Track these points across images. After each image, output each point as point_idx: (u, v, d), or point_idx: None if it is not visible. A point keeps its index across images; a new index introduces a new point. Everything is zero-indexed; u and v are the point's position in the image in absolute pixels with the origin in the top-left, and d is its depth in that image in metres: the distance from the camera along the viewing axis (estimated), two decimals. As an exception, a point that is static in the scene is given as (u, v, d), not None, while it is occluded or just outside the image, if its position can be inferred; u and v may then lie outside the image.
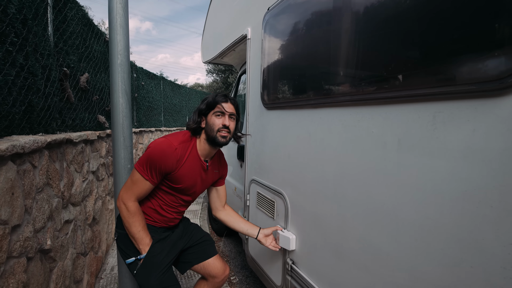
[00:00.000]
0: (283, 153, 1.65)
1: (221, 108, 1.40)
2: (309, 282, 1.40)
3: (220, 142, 1.40)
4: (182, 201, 1.55)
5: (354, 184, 1.12)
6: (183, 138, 1.43)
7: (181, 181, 1.43)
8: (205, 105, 1.46)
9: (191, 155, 1.43)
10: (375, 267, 1.04)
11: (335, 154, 1.22)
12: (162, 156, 1.33)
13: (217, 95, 1.46)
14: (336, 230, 1.22)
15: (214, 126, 1.39)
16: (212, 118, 1.42)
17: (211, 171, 1.57)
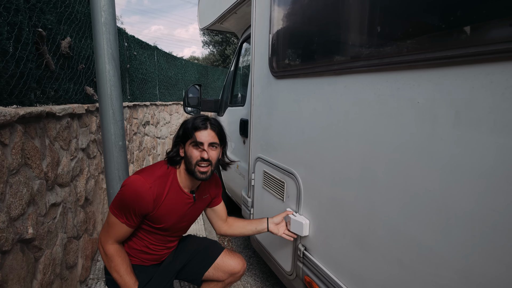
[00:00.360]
0: (295, 128, 1.45)
1: (199, 138, 1.19)
2: (324, 272, 1.27)
3: (199, 178, 1.22)
4: (171, 237, 1.40)
5: (389, 166, 0.94)
6: (159, 172, 1.23)
7: (162, 221, 1.26)
8: (182, 132, 1.24)
9: (171, 190, 1.25)
10: (412, 263, 0.88)
11: (364, 130, 1.03)
12: (135, 198, 1.14)
13: (196, 119, 1.23)
14: (362, 217, 1.06)
15: (191, 159, 1.20)
16: (189, 148, 1.21)
17: (199, 200, 1.40)
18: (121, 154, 1.51)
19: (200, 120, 1.22)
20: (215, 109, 3.22)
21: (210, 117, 1.29)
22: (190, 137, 1.19)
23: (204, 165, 1.19)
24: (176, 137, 1.27)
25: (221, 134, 1.27)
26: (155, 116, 5.42)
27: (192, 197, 1.32)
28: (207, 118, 1.26)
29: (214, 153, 1.23)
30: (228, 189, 3.03)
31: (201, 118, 1.24)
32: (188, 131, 1.20)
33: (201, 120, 1.22)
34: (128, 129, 3.76)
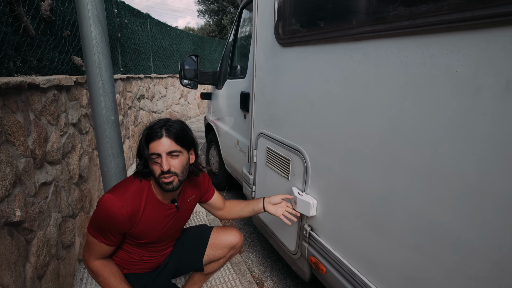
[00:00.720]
0: (303, 102, 1.33)
1: (154, 149, 1.05)
2: (333, 253, 1.21)
3: (166, 190, 1.10)
4: (163, 246, 1.32)
5: (415, 145, 0.84)
6: (133, 188, 1.12)
7: (144, 236, 1.17)
8: (140, 144, 1.10)
9: (148, 205, 1.14)
10: (434, 249, 0.81)
11: (386, 104, 0.91)
12: (108, 218, 1.05)
13: (150, 128, 1.08)
14: (378, 199, 0.98)
15: (153, 173, 1.09)
16: (149, 161, 1.09)
17: (184, 205, 1.29)
18: (113, 129, 1.39)
19: (154, 130, 1.06)
20: (213, 82, 3.05)
21: (169, 120, 1.12)
22: (147, 149, 1.07)
23: (167, 176, 1.07)
24: (138, 150, 1.14)
25: (181, 138, 1.09)
26: (150, 90, 5.21)
27: (174, 207, 1.23)
28: (164, 123, 1.09)
29: (177, 162, 1.09)
30: (227, 164, 2.95)
31: (157, 125, 1.08)
32: (144, 143, 1.08)
33: (156, 128, 1.07)
34: (122, 103, 3.60)
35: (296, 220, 1.37)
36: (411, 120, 0.84)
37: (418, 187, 0.84)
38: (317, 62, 1.21)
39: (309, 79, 1.28)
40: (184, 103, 7.45)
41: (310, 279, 1.50)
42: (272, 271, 2.08)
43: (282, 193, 1.56)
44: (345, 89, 1.08)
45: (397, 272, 0.94)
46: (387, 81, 0.90)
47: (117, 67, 3.57)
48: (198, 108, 8.46)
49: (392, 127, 0.90)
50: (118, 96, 3.43)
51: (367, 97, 0.98)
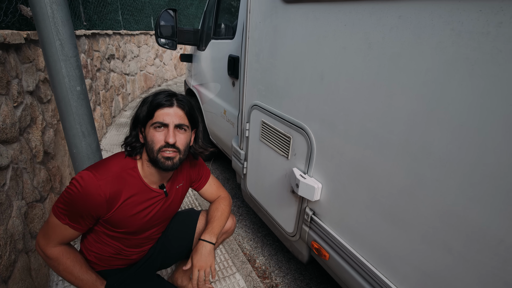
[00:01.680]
0: (311, 72, 1.14)
1: (163, 118, 0.92)
2: (338, 241, 1.13)
3: (164, 167, 0.95)
4: (147, 239, 1.15)
5: (456, 134, 0.70)
6: (116, 167, 0.93)
7: (123, 225, 0.99)
8: (140, 111, 0.94)
9: (132, 188, 0.96)
10: (467, 251, 0.72)
11: (422, 82, 0.76)
12: (82, 199, 0.86)
13: (159, 94, 0.92)
14: (399, 190, 0.87)
15: (153, 144, 0.93)
16: (150, 131, 0.92)
17: (173, 192, 1.12)
18: (81, 103, 1.14)
19: (163, 96, 0.94)
20: (195, 42, 2.71)
21: (178, 92, 0.99)
22: (151, 117, 0.93)
23: (170, 151, 0.94)
24: (134, 117, 0.97)
25: (191, 114, 1.00)
26: (121, 49, 4.67)
27: (162, 193, 1.07)
28: (174, 93, 0.98)
29: (183, 138, 0.97)
30: (212, 134, 2.76)
31: (165, 93, 0.95)
32: (148, 109, 0.93)
33: (165, 96, 0.95)
34: (89, 64, 3.16)
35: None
36: (456, 105, 0.69)
37: (455, 182, 0.72)
38: (332, 25, 1.00)
39: (319, 46, 1.07)
40: (159, 64, 6.87)
41: (308, 261, 1.44)
42: (263, 247, 2.04)
43: (280, 172, 1.44)
44: (368, 60, 0.90)
45: (414, 267, 0.87)
46: (428, 54, 0.73)
47: (79, 21, 3.06)
48: (175, 70, 7.88)
49: (429, 110, 0.75)
50: (83, 56, 3.00)
51: (397, 71, 0.81)
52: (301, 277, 1.81)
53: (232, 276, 1.64)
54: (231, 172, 3.03)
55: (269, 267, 1.87)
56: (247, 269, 1.72)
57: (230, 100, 2.20)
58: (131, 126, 0.98)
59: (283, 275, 1.82)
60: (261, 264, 1.88)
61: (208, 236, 1.16)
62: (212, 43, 2.43)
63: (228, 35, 2.22)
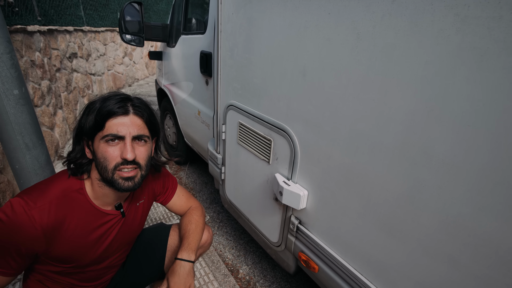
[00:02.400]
0: (291, 68, 1.02)
1: (117, 129, 0.75)
2: (328, 252, 1.03)
3: (124, 188, 0.79)
4: (106, 268, 0.97)
5: (462, 136, 0.61)
6: (56, 190, 0.75)
7: (71, 259, 0.81)
8: (86, 121, 0.75)
9: (79, 213, 0.79)
10: (478, 267, 0.64)
11: (421, 76, 0.66)
12: (8, 234, 0.70)
13: (108, 99, 0.78)
14: (397, 198, 0.77)
15: (106, 162, 0.76)
16: (101, 146, 0.74)
17: (133, 210, 0.96)
18: (21, 109, 0.94)
19: (115, 101, 0.76)
20: (164, 38, 2.51)
21: (132, 96, 0.83)
22: (101, 128, 0.74)
23: (129, 168, 0.78)
24: (78, 128, 0.78)
25: (152, 121, 0.84)
26: (84, 46, 4.32)
27: (118, 214, 0.90)
28: (127, 97, 0.80)
29: (143, 151, 0.81)
30: (186, 137, 2.58)
31: (117, 98, 0.77)
32: (96, 119, 0.74)
33: (117, 101, 0.76)
34: (46, 63, 2.86)
35: None
36: (462, 102, 0.60)
37: (462, 190, 0.64)
38: (314, 14, 0.89)
39: (300, 38, 0.96)
40: (129, 63, 6.50)
41: (295, 272, 1.34)
42: (246, 255, 1.91)
43: (261, 178, 1.32)
44: (356, 53, 0.79)
45: (416, 282, 0.78)
46: (428, 44, 0.64)
47: (31, 16, 2.75)
48: (146, 69, 7.52)
49: (430, 109, 0.66)
50: (38, 54, 2.70)
51: (392, 65, 0.72)
52: (288, 285, 1.71)
53: (213, 293, 1.51)
54: (209, 176, 2.87)
55: (254, 276, 1.75)
56: (230, 282, 1.59)
57: (204, 100, 2.04)
58: (74, 139, 0.80)
59: (268, 284, 1.71)
60: (245, 274, 1.76)
61: (185, 253, 1.01)
62: (183, 39, 2.25)
63: (199, 29, 2.06)
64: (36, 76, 2.56)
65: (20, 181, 1.04)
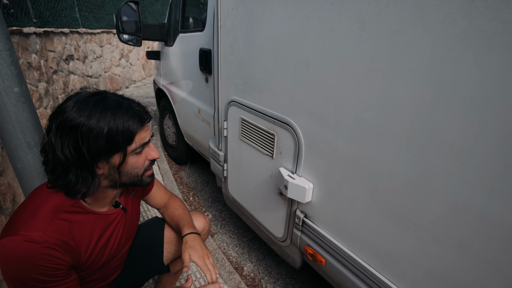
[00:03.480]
0: (294, 60, 1.02)
1: (142, 139, 0.76)
2: (335, 245, 1.03)
3: (148, 183, 0.85)
4: (112, 268, 0.96)
5: (471, 121, 0.61)
6: (50, 210, 0.70)
7: (90, 265, 0.83)
8: (110, 142, 0.69)
9: (82, 226, 0.77)
10: (489, 252, 0.64)
11: (428, 62, 0.66)
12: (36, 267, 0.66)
13: (124, 114, 0.71)
14: (405, 187, 0.77)
15: (135, 170, 0.78)
16: (130, 158, 0.76)
17: (130, 203, 0.96)
18: (22, 107, 0.93)
19: (135, 117, 0.73)
20: (161, 37, 2.50)
21: (137, 104, 0.78)
22: (129, 143, 0.73)
23: (151, 166, 0.84)
24: (94, 154, 0.69)
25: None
26: (81, 48, 4.30)
27: (119, 210, 0.90)
28: (136, 111, 0.75)
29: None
30: (186, 136, 2.57)
31: (131, 113, 0.73)
32: (125, 137, 0.71)
33: (136, 116, 0.73)
34: (43, 65, 2.84)
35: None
36: (470, 86, 0.60)
37: (471, 175, 0.63)
38: (317, 4, 0.89)
39: (303, 29, 0.95)
40: (126, 65, 6.47)
41: (301, 267, 1.33)
42: (250, 252, 1.91)
43: (265, 173, 1.31)
44: (361, 42, 0.79)
45: (425, 270, 0.78)
46: (434, 29, 0.63)
47: (27, 18, 2.73)
48: (143, 70, 7.49)
49: (437, 94, 0.65)
50: (35, 56, 2.68)
51: (397, 52, 0.71)
52: (293, 281, 1.70)
53: (219, 290, 1.50)
54: (210, 175, 2.86)
55: (258, 273, 1.75)
56: (235, 280, 1.58)
57: (204, 98, 2.04)
58: (84, 165, 0.69)
59: (273, 281, 1.70)
60: (250, 272, 1.76)
61: (189, 229, 1.01)
62: (181, 37, 2.24)
63: (197, 27, 2.05)
64: (33, 78, 2.54)
65: (22, 181, 1.02)
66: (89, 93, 0.72)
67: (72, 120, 0.66)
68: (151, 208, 2.21)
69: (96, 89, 0.75)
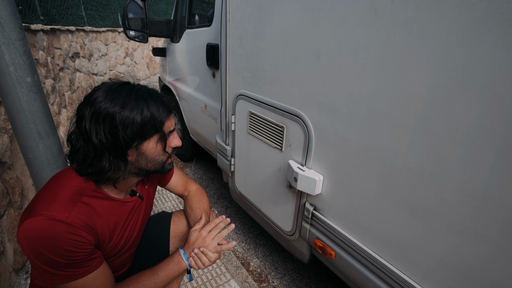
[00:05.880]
0: (305, 51, 1.01)
1: (169, 127, 0.81)
2: (346, 237, 1.02)
3: (168, 169, 0.88)
4: (126, 254, 0.95)
5: (491, 104, 0.60)
6: (72, 193, 0.71)
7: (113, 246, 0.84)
8: (143, 128, 0.72)
9: (103, 211, 0.78)
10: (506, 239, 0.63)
11: (444, 49, 0.65)
12: (68, 242, 0.67)
13: (153, 104, 0.75)
14: (418, 176, 0.76)
15: (161, 157, 0.81)
16: (153, 146, 0.78)
17: (145, 193, 0.97)
18: (33, 97, 0.94)
19: (162, 108, 0.77)
20: (167, 34, 2.51)
21: (162, 94, 0.82)
22: (159, 130, 0.77)
23: (173, 153, 0.88)
24: (124, 142, 0.71)
25: None
26: (86, 46, 4.32)
27: (136, 199, 0.91)
28: (164, 101, 0.79)
29: None
30: (192, 133, 2.57)
31: (160, 101, 0.77)
32: (156, 124, 0.75)
33: (163, 107, 0.77)
34: (50, 62, 2.86)
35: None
36: (488, 71, 0.59)
37: (489, 162, 0.63)
38: (329, -7, 0.88)
39: (314, 20, 0.95)
40: (130, 63, 6.50)
41: (309, 261, 1.33)
42: (256, 248, 1.90)
43: (273, 166, 1.31)
44: (374, 30, 0.78)
45: (439, 260, 0.77)
46: (451, 14, 0.63)
47: (34, 15, 2.75)
48: (147, 69, 7.52)
49: (454, 80, 0.65)
50: (42, 53, 2.70)
51: (412, 39, 0.71)
52: (300, 276, 1.70)
53: (227, 284, 1.50)
54: (216, 172, 2.87)
55: (265, 269, 1.74)
56: (243, 274, 1.58)
57: (210, 93, 2.04)
58: (113, 155, 0.71)
59: (280, 276, 1.70)
60: (256, 267, 1.75)
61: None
62: (187, 33, 2.24)
63: (204, 22, 2.05)
64: (40, 75, 2.56)
65: (33, 171, 1.03)
66: (117, 83, 0.76)
67: (107, 108, 0.69)
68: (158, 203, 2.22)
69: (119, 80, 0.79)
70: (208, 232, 0.92)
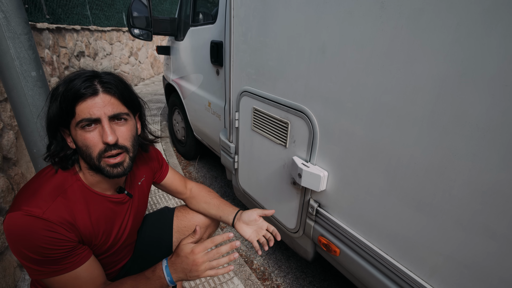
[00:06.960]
0: (310, 46, 1.00)
1: (88, 112, 0.66)
2: (351, 234, 1.01)
3: (113, 175, 0.72)
4: (120, 254, 0.95)
5: (502, 95, 0.59)
6: (53, 188, 0.70)
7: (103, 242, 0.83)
8: (52, 108, 0.67)
9: (85, 206, 0.76)
10: (518, 234, 0.62)
11: (451, 39, 0.64)
12: (43, 238, 0.66)
13: (74, 79, 0.67)
14: (426, 171, 0.75)
15: (89, 149, 0.69)
16: (78, 133, 0.68)
17: (136, 190, 0.92)
18: (38, 91, 0.94)
19: (80, 81, 0.66)
20: (172, 32, 2.51)
21: (99, 71, 0.73)
22: (72, 115, 0.66)
23: (114, 153, 0.70)
24: (48, 119, 0.70)
25: (127, 96, 0.74)
26: (91, 45, 4.35)
27: (124, 196, 0.86)
28: (94, 74, 0.69)
29: (125, 130, 0.72)
30: (196, 131, 2.57)
31: (82, 77, 0.67)
32: (62, 105, 0.66)
33: (83, 81, 0.66)
34: (55, 61, 2.88)
35: (267, 249, 1.05)
36: (499, 61, 0.58)
37: (499, 155, 0.61)
38: (334, -14, 0.87)
39: (319, 13, 0.94)
40: (134, 63, 6.54)
41: (313, 258, 1.32)
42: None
43: (277, 163, 1.30)
44: (381, 23, 0.77)
45: (447, 257, 0.76)
46: (460, 5, 0.61)
47: (40, 14, 2.78)
48: (151, 68, 7.55)
49: (463, 72, 0.63)
50: (48, 52, 2.72)
51: (419, 31, 0.69)
52: (303, 275, 1.69)
53: (230, 281, 1.49)
54: (219, 170, 2.86)
55: (268, 267, 1.73)
56: (246, 272, 1.57)
57: (214, 91, 2.03)
58: (48, 132, 0.71)
59: (283, 274, 1.69)
60: (260, 265, 1.74)
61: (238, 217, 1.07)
62: (191, 31, 2.24)
63: (208, 19, 2.05)
64: (45, 73, 2.58)
65: (38, 166, 1.03)
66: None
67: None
68: (159, 202, 2.22)
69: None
70: (203, 255, 0.75)
